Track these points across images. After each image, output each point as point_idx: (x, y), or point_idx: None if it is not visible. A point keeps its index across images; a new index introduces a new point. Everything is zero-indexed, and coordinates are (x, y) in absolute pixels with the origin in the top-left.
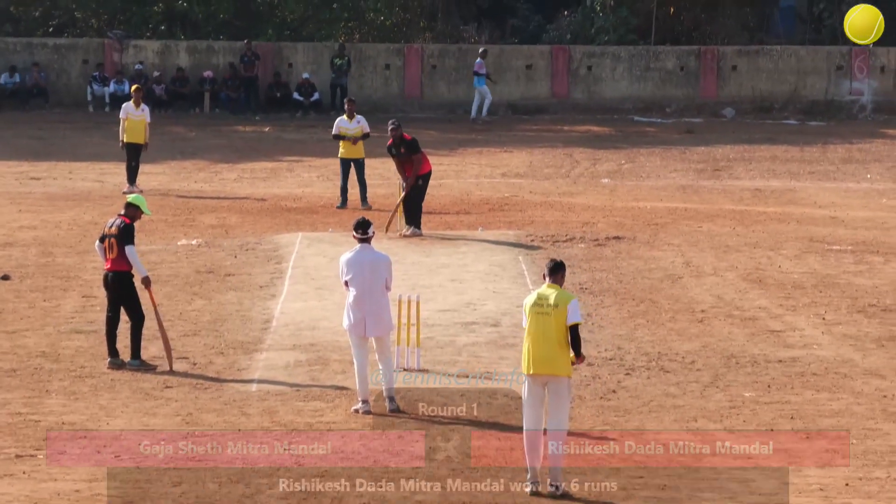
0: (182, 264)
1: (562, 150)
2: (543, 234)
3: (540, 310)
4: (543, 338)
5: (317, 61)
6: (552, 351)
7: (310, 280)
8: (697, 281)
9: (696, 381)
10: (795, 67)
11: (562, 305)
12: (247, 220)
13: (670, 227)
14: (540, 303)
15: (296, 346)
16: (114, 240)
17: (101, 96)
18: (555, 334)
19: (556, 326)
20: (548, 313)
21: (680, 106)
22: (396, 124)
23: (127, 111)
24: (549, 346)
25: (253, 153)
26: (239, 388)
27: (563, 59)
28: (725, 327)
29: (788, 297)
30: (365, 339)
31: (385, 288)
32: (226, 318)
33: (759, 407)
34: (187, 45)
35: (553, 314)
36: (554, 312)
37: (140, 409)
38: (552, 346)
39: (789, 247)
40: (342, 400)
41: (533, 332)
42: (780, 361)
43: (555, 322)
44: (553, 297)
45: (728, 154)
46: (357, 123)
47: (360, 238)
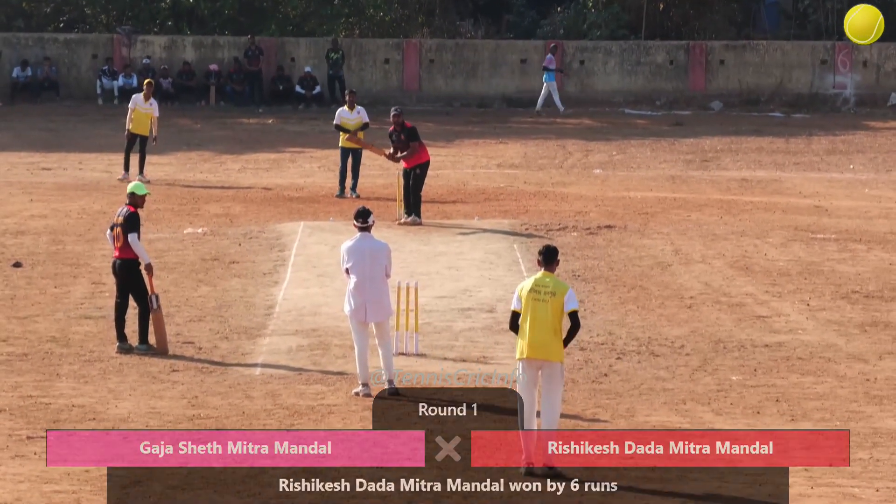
0: (188, 252)
1: (555, 142)
2: (537, 223)
3: (537, 297)
4: (540, 324)
5: (318, 56)
6: (547, 337)
7: (311, 267)
8: (686, 268)
9: (685, 365)
10: (781, 61)
11: (559, 294)
12: (250, 209)
13: (660, 216)
14: (537, 289)
15: (298, 331)
16: (120, 229)
17: (110, 89)
18: (550, 321)
19: (553, 314)
20: (545, 301)
21: (669, 99)
22: (399, 111)
23: (136, 102)
24: (545, 332)
25: (256, 144)
26: (243, 371)
27: (557, 54)
28: (713, 313)
29: (774, 283)
30: (365, 324)
31: (385, 275)
32: (230, 304)
33: (746, 390)
34: (193, 40)
35: (550, 302)
36: (551, 300)
37: (147, 391)
38: (547, 332)
39: (775, 235)
40: (343, 383)
41: (530, 319)
42: (767, 346)
43: (551, 309)
44: (551, 286)
45: (716, 145)
46: (357, 114)
47: (360, 227)
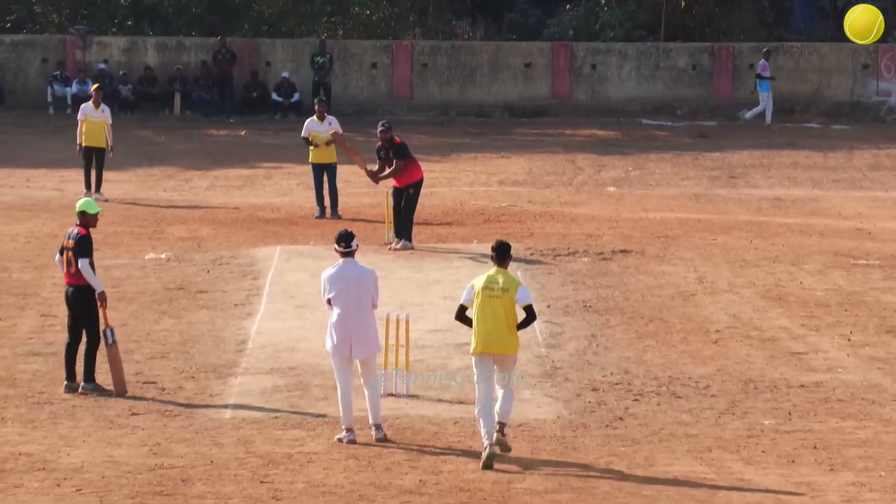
0: (150, 280)
1: (563, 156)
2: (544, 247)
3: (491, 293)
4: (494, 319)
5: (297, 59)
6: (501, 332)
7: (289, 298)
8: (712, 298)
9: (710, 407)
10: (818, 66)
11: (511, 290)
12: (220, 231)
13: (682, 239)
14: (490, 287)
15: (273, 369)
16: (71, 253)
17: (63, 97)
18: (504, 317)
19: (505, 309)
20: (498, 297)
21: (692, 108)
22: (387, 126)
23: (86, 112)
24: (499, 327)
25: (227, 159)
26: (211, 415)
27: (565, 57)
28: (742, 349)
29: (811, 316)
30: (349, 361)
31: (371, 306)
32: (197, 338)
33: (780, 436)
34: (156, 41)
35: (503, 297)
36: (504, 296)
37: (103, 438)
38: (501, 327)
39: (812, 261)
40: (324, 428)
41: (485, 315)
42: (803, 386)
43: (504, 305)
44: (502, 282)
45: (745, 160)
46: (328, 126)
47: (342, 252)
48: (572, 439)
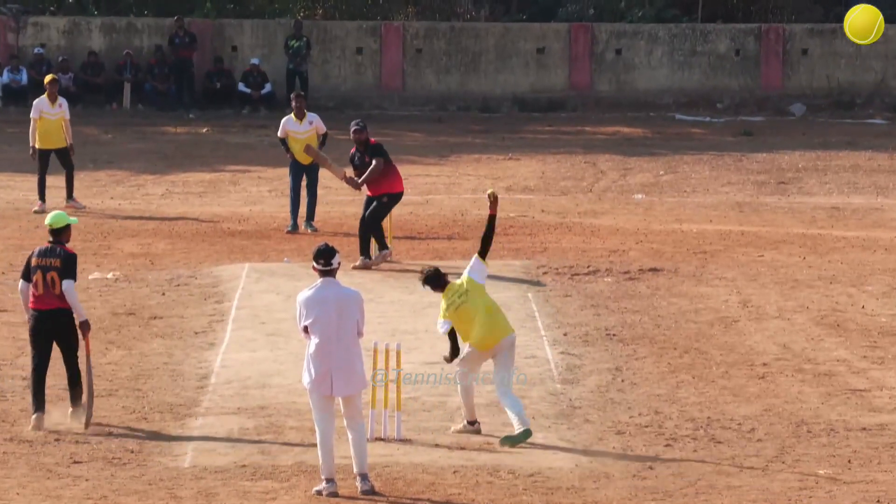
0: (94, 304)
1: (582, 158)
2: (559, 264)
3: (461, 302)
4: (482, 315)
5: (268, 43)
6: (492, 320)
7: (259, 324)
8: (757, 325)
9: (756, 454)
10: (882, 52)
11: (468, 283)
12: (178, 246)
13: (722, 255)
14: (454, 301)
15: (241, 409)
16: (54, 273)
17: None
18: (483, 307)
19: (481, 299)
20: (467, 299)
21: (735, 101)
22: (361, 125)
23: (40, 109)
24: (490, 316)
25: (186, 161)
26: (167, 463)
27: (585, 41)
28: (794, 385)
29: (875, 346)
30: (331, 399)
31: (356, 333)
32: (151, 373)
33: (838, 488)
34: (102, 22)
35: (471, 294)
36: (471, 293)
37: (40, 490)
38: (491, 316)
39: (875, 282)
40: (300, 479)
41: (470, 318)
42: (864, 429)
43: (475, 299)
44: (459, 289)
45: (797, 162)
46: (309, 125)
47: (322, 270)
48: (593, 492)
